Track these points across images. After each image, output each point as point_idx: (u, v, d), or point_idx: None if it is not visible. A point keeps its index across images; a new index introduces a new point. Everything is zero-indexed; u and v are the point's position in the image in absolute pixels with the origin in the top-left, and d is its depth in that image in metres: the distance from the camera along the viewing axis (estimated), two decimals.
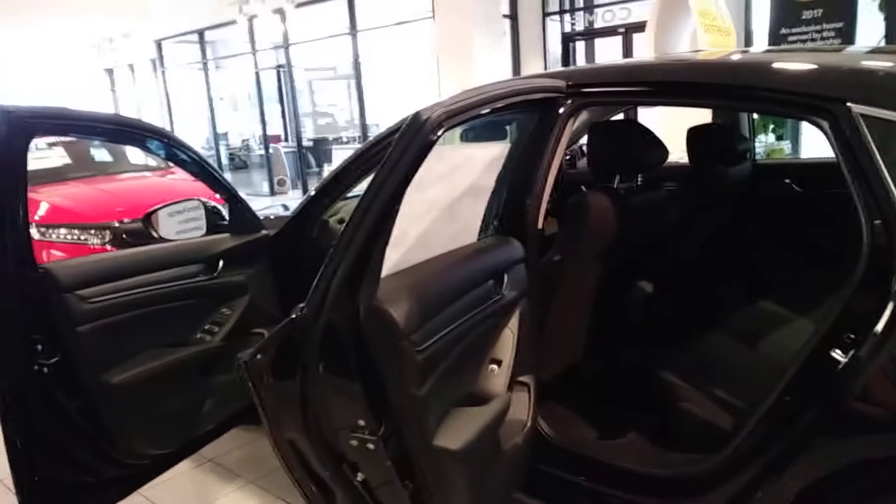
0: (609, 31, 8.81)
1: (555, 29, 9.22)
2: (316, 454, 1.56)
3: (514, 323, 1.78)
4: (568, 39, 9.21)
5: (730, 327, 2.18)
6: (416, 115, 1.26)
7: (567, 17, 9.20)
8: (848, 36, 6.20)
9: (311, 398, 1.49)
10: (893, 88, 1.41)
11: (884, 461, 1.36)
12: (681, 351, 2.06)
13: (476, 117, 1.38)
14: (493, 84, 1.49)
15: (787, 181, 2.85)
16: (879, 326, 1.31)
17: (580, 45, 9.40)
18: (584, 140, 2.88)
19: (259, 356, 1.47)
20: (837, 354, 1.37)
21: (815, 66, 1.62)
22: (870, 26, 6.15)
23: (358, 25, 10.40)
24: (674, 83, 1.77)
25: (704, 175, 2.51)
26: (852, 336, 1.36)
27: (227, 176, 12.63)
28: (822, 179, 2.38)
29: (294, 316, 1.43)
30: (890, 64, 1.55)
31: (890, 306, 1.30)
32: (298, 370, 1.47)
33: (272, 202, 9.39)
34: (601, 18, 8.88)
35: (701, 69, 1.83)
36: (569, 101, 1.86)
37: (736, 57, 1.96)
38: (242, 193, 2.40)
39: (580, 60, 9.35)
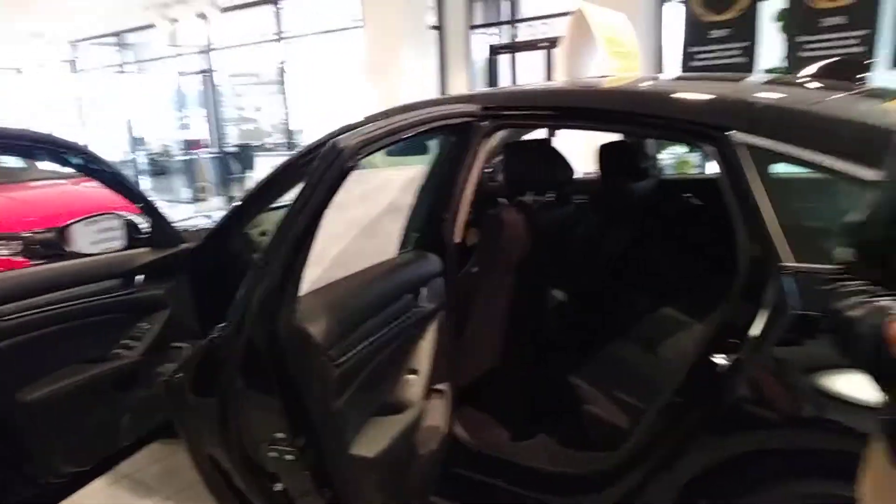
0: (531, 46, 9.08)
1: (480, 42, 9.43)
2: (236, 467, 1.59)
3: (431, 333, 1.86)
4: (493, 52, 9.43)
5: (633, 334, 2.33)
6: (334, 144, 1.32)
7: (492, 30, 9.43)
8: (751, 55, 6.63)
9: (231, 413, 1.53)
10: (770, 119, 1.57)
11: (760, 454, 1.51)
12: (588, 357, 2.20)
13: (393, 143, 1.46)
14: (411, 109, 1.57)
15: (688, 195, 3.05)
16: (755, 332, 1.46)
17: (504, 58, 9.65)
18: None
19: (179, 373, 1.50)
20: (720, 358, 1.51)
21: (704, 98, 1.78)
22: (772, 46, 6.60)
23: (284, 32, 10.32)
24: (580, 109, 1.90)
25: (613, 190, 2.67)
26: (732, 341, 1.51)
27: (146, 182, 12.20)
28: (718, 194, 2.57)
29: (215, 333, 1.46)
30: (773, 96, 1.72)
31: (764, 314, 1.45)
32: (219, 386, 1.51)
33: (195, 210, 9.18)
34: (524, 33, 9.15)
35: (605, 97, 1.97)
36: (484, 123, 1.96)
37: (638, 85, 2.12)
38: (162, 200, 2.39)
39: (504, 73, 9.60)
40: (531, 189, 2.52)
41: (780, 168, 1.52)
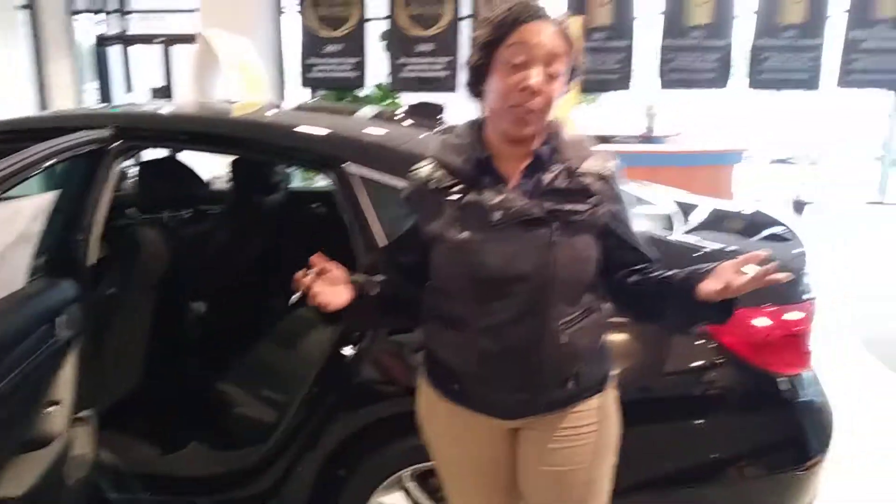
0: (146, 39, 8.59)
1: (85, 29, 8.55)
2: None
3: (71, 361, 1.82)
4: (101, 43, 8.64)
5: (274, 335, 2.57)
6: None
7: (100, 18, 8.62)
8: (362, 71, 7.40)
9: None
10: (373, 153, 1.94)
11: (381, 421, 1.88)
12: (233, 363, 2.37)
13: (24, 179, 1.42)
14: (38, 146, 1.53)
15: (315, 205, 3.40)
16: None
17: (115, 50, 8.92)
18: None
19: None
20: (348, 349, 1.85)
21: (325, 133, 2.06)
22: (379, 64, 7.46)
23: None
24: (217, 135, 2.05)
25: (245, 202, 2.86)
26: (356, 334, 1.85)
27: None
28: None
29: None
30: (376, 132, 2.11)
31: None
32: None
33: None
34: (137, 25, 8.60)
35: (237, 125, 2.15)
36: (116, 144, 1.97)
37: (271, 117, 2.32)
38: None
39: (115, 67, 8.88)
40: (166, 206, 2.57)
41: (382, 190, 1.90)
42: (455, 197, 1.28)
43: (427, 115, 2.42)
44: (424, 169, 1.35)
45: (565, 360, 1.32)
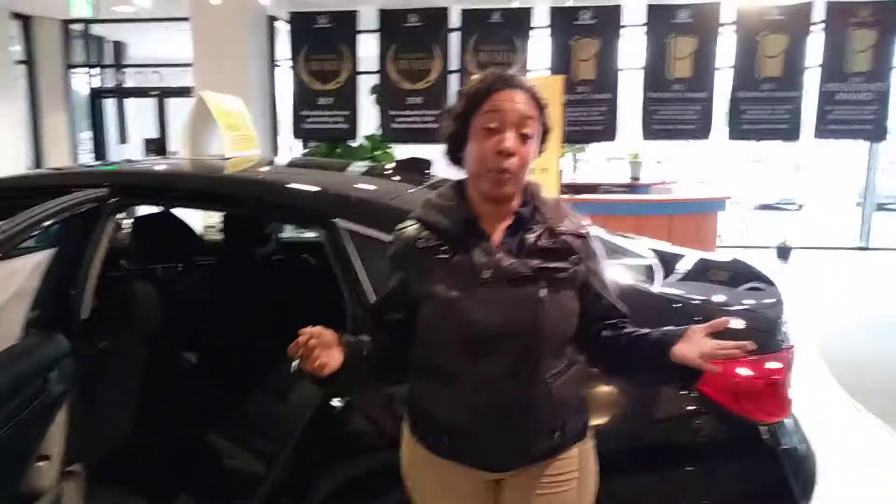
0: (142, 92, 8.77)
1: (81, 82, 8.73)
2: None
3: (62, 415, 1.84)
4: (96, 96, 8.81)
5: (266, 386, 2.59)
6: None
7: (95, 71, 8.81)
8: (352, 122, 7.56)
9: None
10: (360, 210, 2.00)
11: (371, 472, 1.89)
12: (225, 414, 2.38)
13: (24, 240, 1.48)
14: (37, 207, 1.58)
15: (305, 255, 3.45)
16: None
17: (110, 102, 9.09)
18: None
19: None
20: (336, 401, 1.87)
21: (315, 189, 2.12)
22: (369, 116, 7.63)
23: None
24: (206, 192, 2.11)
25: (237, 254, 2.91)
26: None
27: None
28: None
29: None
30: (366, 188, 2.18)
31: None
32: None
33: None
34: (132, 78, 8.79)
35: (229, 182, 2.21)
36: (112, 201, 2.02)
37: (260, 173, 2.39)
38: None
39: (110, 117, 9.03)
40: (159, 259, 2.62)
41: (370, 244, 1.95)
42: (444, 256, 1.34)
43: (415, 170, 2.49)
44: (410, 229, 1.40)
45: (553, 412, 1.36)
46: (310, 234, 5.28)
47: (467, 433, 1.37)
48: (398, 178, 2.45)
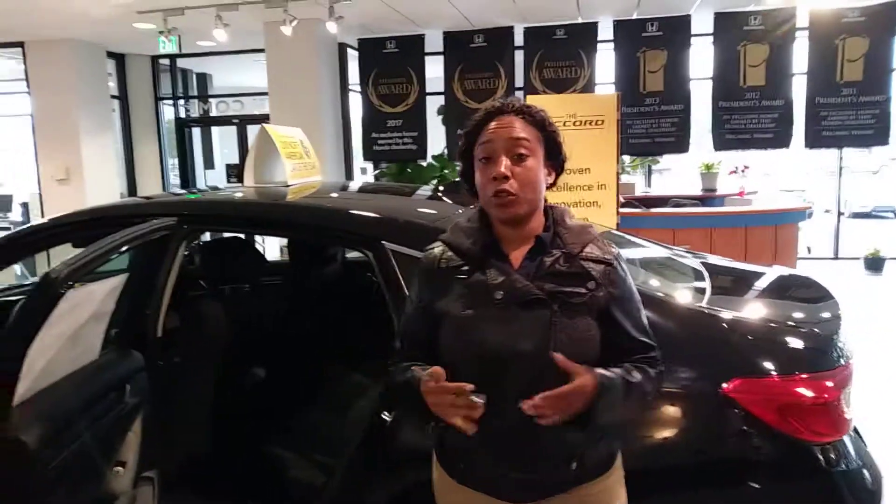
0: (224, 121, 9.27)
1: (170, 113, 9.33)
2: None
3: (137, 425, 2.00)
4: (183, 125, 9.38)
5: (327, 400, 2.71)
6: (46, 275, 1.49)
7: (181, 102, 9.40)
8: (421, 143, 7.73)
9: None
10: (407, 232, 2.08)
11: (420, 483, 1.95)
12: (288, 428, 2.50)
13: (101, 265, 1.64)
14: (109, 213, 1.74)
15: (369, 274, 3.57)
16: None
17: (196, 131, 9.66)
18: None
19: None
20: (385, 415, 1.95)
21: (367, 214, 2.22)
22: (437, 136, 7.79)
23: None
24: (271, 220, 2.26)
25: (303, 275, 3.06)
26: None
27: None
28: None
29: None
30: (418, 211, 2.26)
31: None
32: None
33: None
34: (216, 108, 9.31)
35: (291, 210, 2.35)
36: (182, 228, 2.19)
37: (317, 203, 2.52)
38: None
39: (196, 145, 9.59)
40: (228, 280, 2.79)
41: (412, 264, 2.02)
42: (462, 276, 1.38)
43: (460, 192, 2.56)
44: (436, 249, 1.46)
45: (566, 441, 1.33)
46: None
47: (481, 457, 1.37)
48: (449, 200, 2.53)
